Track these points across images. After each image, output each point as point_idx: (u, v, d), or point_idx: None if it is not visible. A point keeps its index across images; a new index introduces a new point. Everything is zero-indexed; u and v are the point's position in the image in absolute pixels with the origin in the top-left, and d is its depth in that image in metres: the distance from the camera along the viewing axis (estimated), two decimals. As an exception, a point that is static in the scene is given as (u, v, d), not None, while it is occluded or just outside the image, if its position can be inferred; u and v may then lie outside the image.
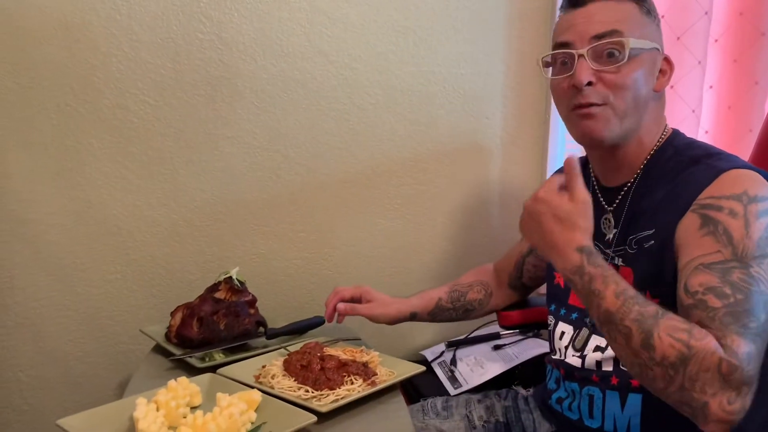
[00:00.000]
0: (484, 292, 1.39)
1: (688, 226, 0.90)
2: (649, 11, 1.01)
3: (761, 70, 1.75)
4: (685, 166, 0.96)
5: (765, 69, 1.74)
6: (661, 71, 1.03)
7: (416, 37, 1.60)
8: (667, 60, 1.04)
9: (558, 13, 1.07)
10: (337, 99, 1.55)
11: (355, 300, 1.32)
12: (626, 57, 0.96)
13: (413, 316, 1.33)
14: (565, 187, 0.92)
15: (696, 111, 1.68)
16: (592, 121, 0.98)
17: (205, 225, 1.50)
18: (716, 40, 1.77)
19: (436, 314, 1.36)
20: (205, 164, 1.48)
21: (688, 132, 1.65)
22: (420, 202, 1.68)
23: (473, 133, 1.70)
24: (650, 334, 0.78)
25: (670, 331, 0.78)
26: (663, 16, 1.62)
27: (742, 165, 0.92)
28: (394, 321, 1.32)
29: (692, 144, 1.03)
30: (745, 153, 1.43)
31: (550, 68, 1.06)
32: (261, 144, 1.51)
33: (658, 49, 1.01)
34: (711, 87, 1.80)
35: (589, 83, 0.97)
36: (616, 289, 0.83)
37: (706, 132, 1.83)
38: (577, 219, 0.89)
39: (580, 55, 0.97)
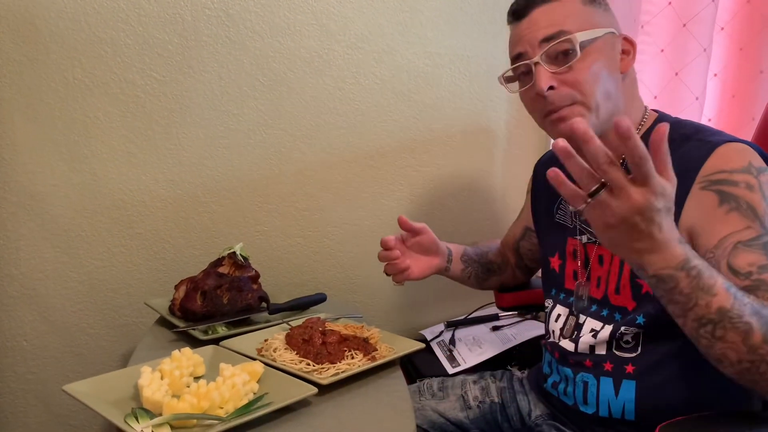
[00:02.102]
0: (501, 259, 1.41)
1: (702, 204, 0.90)
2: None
3: (767, 59, 1.75)
4: (677, 145, 0.95)
5: (771, 58, 1.75)
6: (623, 52, 1.02)
7: (423, 18, 1.60)
8: (627, 40, 1.03)
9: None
10: (342, 78, 1.56)
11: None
12: (578, 53, 0.95)
13: (449, 255, 1.32)
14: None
15: (700, 99, 1.68)
16: (566, 122, 0.97)
17: (209, 201, 1.51)
18: (722, 28, 1.77)
19: (466, 262, 1.35)
20: (211, 141, 1.49)
21: (691, 119, 1.65)
22: (423, 183, 1.69)
23: (478, 115, 1.70)
24: None
25: None
26: (670, 3, 1.62)
27: (734, 138, 0.93)
28: (437, 249, 1.29)
29: (679, 122, 1.02)
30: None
31: (516, 83, 1.05)
32: (266, 122, 1.52)
33: (613, 33, 1.00)
34: (716, 75, 1.80)
35: (551, 87, 0.96)
36: (723, 282, 0.75)
37: (709, 120, 1.84)
38: (670, 208, 0.73)
39: (536, 63, 0.97)
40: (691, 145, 0.94)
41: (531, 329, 1.55)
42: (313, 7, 1.50)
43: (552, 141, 1.67)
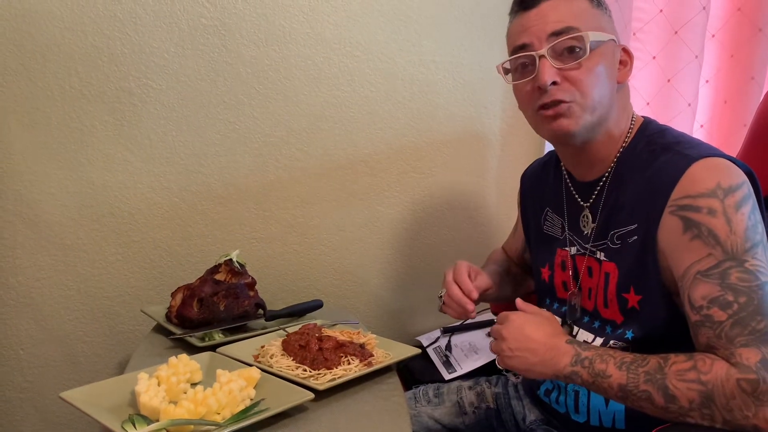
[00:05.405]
0: (521, 270, 1.39)
1: (670, 229, 0.90)
2: (600, 3, 0.99)
3: (758, 66, 1.77)
4: (657, 156, 0.95)
5: (761, 64, 1.76)
6: (621, 62, 1.01)
7: (418, 26, 1.61)
8: (625, 51, 1.02)
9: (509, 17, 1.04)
10: (338, 86, 1.57)
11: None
12: (587, 51, 0.93)
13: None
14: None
15: (692, 105, 1.69)
16: (560, 119, 0.96)
17: (205, 208, 1.51)
18: (714, 35, 1.79)
19: (499, 290, 1.29)
20: (207, 148, 1.49)
21: (684, 125, 1.68)
22: (419, 190, 1.69)
23: (472, 122, 1.71)
24: (666, 388, 0.82)
25: (679, 377, 0.81)
26: (662, 10, 1.64)
27: (712, 153, 0.91)
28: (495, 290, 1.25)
29: (663, 132, 1.01)
30: (738, 147, 1.45)
31: (510, 74, 1.04)
32: (262, 129, 1.53)
33: (614, 41, 1.00)
34: (707, 81, 1.82)
35: (554, 83, 0.94)
36: (615, 361, 0.88)
37: (702, 126, 1.85)
38: (549, 319, 1.00)
39: (541, 56, 0.95)
40: (668, 157, 0.93)
41: (526, 335, 1.55)
42: (308, 15, 1.51)
43: (546, 143, 1.68)
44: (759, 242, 0.85)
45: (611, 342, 1.00)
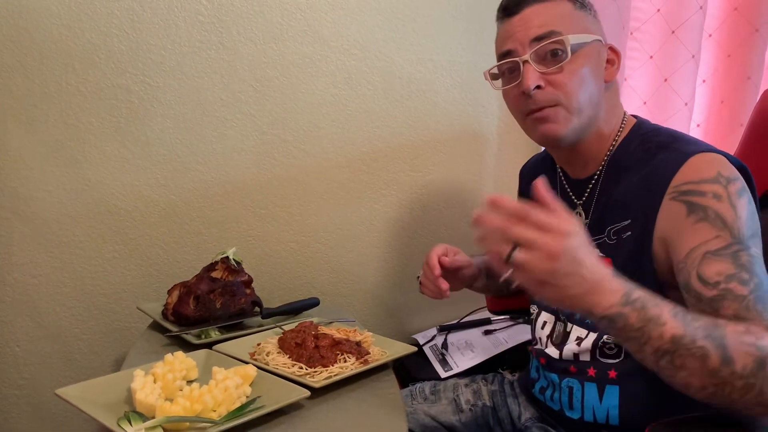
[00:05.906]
0: None
1: (672, 214, 0.90)
2: (584, 5, 1.01)
3: (754, 66, 1.77)
4: (653, 153, 0.96)
5: (758, 64, 1.77)
6: (608, 61, 1.03)
7: (415, 24, 1.61)
8: (612, 49, 1.04)
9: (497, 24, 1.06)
10: (335, 84, 1.57)
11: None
12: (569, 54, 0.95)
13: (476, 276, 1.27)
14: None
15: (689, 104, 1.70)
16: (547, 123, 0.98)
17: (202, 206, 1.51)
18: (710, 35, 1.79)
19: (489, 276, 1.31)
20: (204, 146, 1.49)
21: (680, 124, 1.68)
22: (416, 188, 1.69)
23: (470, 120, 1.72)
24: (726, 347, 0.72)
25: (738, 338, 0.73)
26: (659, 10, 1.64)
27: (708, 148, 0.93)
28: (477, 274, 1.26)
29: (657, 131, 1.02)
30: (735, 147, 1.45)
31: (500, 80, 1.06)
32: (259, 127, 1.53)
33: (600, 41, 1.01)
34: (704, 81, 1.82)
35: (538, 87, 0.96)
36: (668, 309, 0.74)
37: (698, 125, 1.86)
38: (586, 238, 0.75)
39: (525, 61, 0.97)
40: (665, 154, 0.94)
41: (523, 333, 1.56)
42: (305, 13, 1.51)
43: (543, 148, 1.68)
44: (756, 232, 0.86)
45: (605, 337, 1.01)
